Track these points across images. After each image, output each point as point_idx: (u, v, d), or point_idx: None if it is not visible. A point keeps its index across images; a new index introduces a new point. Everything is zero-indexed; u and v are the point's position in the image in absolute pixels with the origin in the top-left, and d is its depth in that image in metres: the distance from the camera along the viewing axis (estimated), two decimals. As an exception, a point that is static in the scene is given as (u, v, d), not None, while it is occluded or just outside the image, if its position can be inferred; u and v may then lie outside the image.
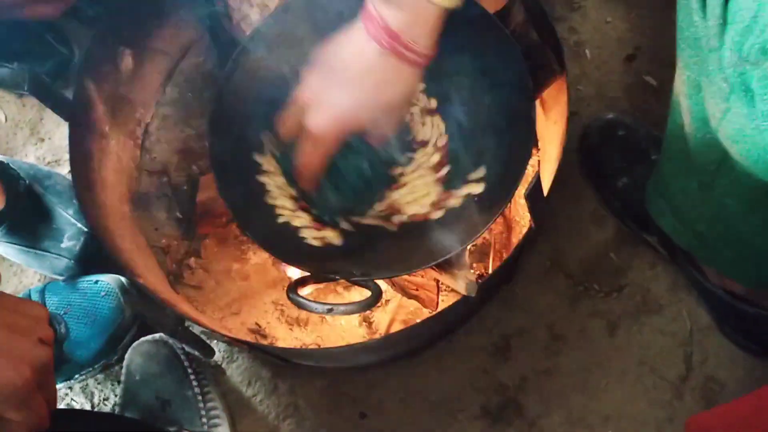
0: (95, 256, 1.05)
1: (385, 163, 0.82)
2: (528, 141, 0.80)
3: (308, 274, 0.79)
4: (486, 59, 0.83)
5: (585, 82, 1.11)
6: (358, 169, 0.80)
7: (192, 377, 0.98)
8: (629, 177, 1.00)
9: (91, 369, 1.02)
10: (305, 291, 0.80)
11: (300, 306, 0.73)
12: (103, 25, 0.94)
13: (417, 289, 0.85)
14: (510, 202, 0.78)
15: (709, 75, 0.59)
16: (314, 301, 0.71)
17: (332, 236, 0.80)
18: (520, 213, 1.00)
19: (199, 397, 0.96)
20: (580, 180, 1.06)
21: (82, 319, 0.99)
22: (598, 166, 1.04)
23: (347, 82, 0.71)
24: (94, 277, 1.02)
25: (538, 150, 0.95)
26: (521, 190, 0.98)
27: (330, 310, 0.71)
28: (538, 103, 0.94)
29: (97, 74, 0.93)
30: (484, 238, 0.99)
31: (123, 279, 1.02)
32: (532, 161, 0.98)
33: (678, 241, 0.88)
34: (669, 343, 0.99)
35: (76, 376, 1.02)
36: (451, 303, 0.83)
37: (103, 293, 1.01)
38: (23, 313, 0.64)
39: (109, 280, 1.01)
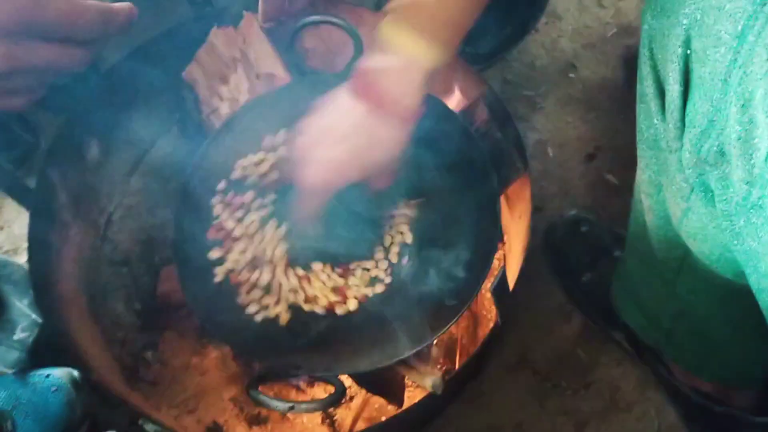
0: (48, 349, 1.01)
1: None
2: (493, 235, 0.81)
3: (269, 370, 0.77)
4: (450, 156, 0.84)
5: (548, 179, 1.14)
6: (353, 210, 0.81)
7: (144, 480, 0.92)
8: (593, 272, 1.01)
9: (36, 471, 0.95)
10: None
11: (260, 404, 0.70)
12: (70, 114, 0.95)
13: (382, 385, 0.82)
14: (476, 296, 0.77)
15: (669, 175, 0.61)
16: (275, 399, 0.69)
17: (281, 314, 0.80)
18: (486, 307, 1.00)
19: (151, 503, 0.91)
20: (546, 275, 1.07)
21: (30, 415, 0.94)
22: (563, 262, 1.05)
23: (337, 139, 0.71)
24: (45, 371, 0.97)
25: (504, 244, 0.96)
26: (487, 284, 0.99)
27: (291, 408, 0.68)
28: (502, 199, 0.96)
29: (62, 163, 0.92)
30: (451, 332, 0.98)
31: (75, 373, 0.97)
32: (498, 255, 0.99)
33: (644, 338, 0.88)
34: (638, 443, 0.98)
35: (20, 478, 0.95)
36: (417, 400, 0.81)
37: (54, 388, 0.96)
38: None
39: (60, 375, 0.97)
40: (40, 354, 1.00)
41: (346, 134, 0.71)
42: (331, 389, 0.73)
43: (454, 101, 0.87)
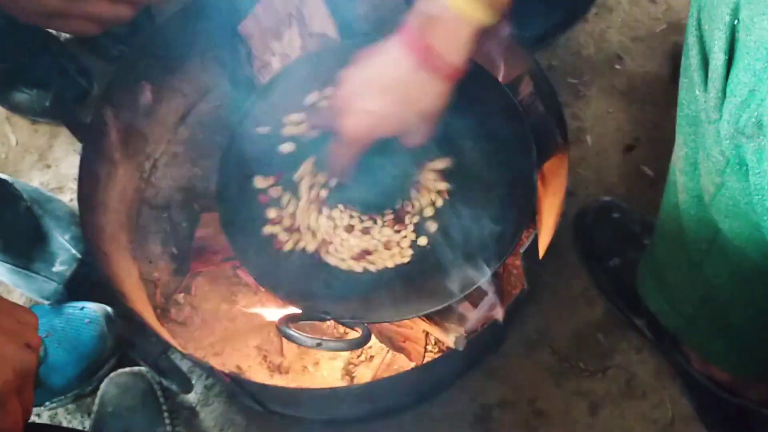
0: (84, 284, 1.05)
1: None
2: (528, 205, 0.83)
3: (299, 312, 0.79)
4: (494, 126, 0.86)
5: (584, 166, 1.15)
6: (387, 162, 0.83)
7: (166, 416, 0.96)
8: (621, 258, 1.02)
9: (63, 398, 0.99)
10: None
11: (289, 338, 0.72)
12: (124, 62, 0.98)
13: (404, 341, 0.85)
14: (506, 259, 0.79)
15: (705, 149, 0.61)
16: (304, 334, 0.71)
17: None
18: (512, 282, 1.01)
19: (170, 437, 0.94)
20: (573, 259, 1.08)
21: (62, 343, 0.98)
22: (591, 246, 1.06)
23: (382, 90, 0.74)
24: (80, 304, 1.02)
25: (537, 218, 0.97)
26: (515, 261, 1.00)
27: (319, 344, 0.70)
28: (537, 175, 0.97)
29: (116, 103, 0.95)
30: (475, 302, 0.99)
31: (109, 309, 1.01)
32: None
33: (666, 323, 0.89)
34: (650, 430, 0.98)
35: (47, 403, 0.99)
36: (437, 356, 0.82)
37: (87, 320, 1.00)
38: (13, 316, 0.64)
39: (95, 308, 1.01)
40: (77, 288, 1.04)
41: (389, 86, 0.74)
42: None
43: (501, 73, 0.89)
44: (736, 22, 0.53)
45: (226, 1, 1.01)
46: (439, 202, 0.86)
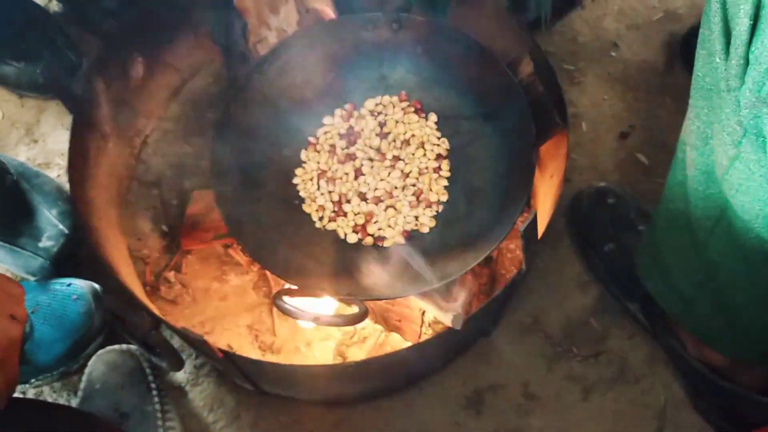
0: (72, 260, 1.03)
1: None
2: (526, 186, 0.82)
3: (295, 287, 0.78)
4: (493, 104, 0.85)
5: (579, 152, 1.14)
6: None
7: (155, 393, 0.94)
8: (616, 244, 1.02)
9: (49, 375, 0.97)
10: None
11: (285, 312, 0.71)
12: (114, 36, 0.96)
13: (400, 321, 0.84)
14: (504, 238, 0.78)
15: (721, 120, 0.61)
16: (301, 309, 0.70)
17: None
18: (505, 266, 1.00)
19: (159, 415, 0.92)
20: (567, 244, 1.08)
21: (49, 320, 0.96)
22: (586, 231, 1.05)
23: None
24: (67, 280, 1.00)
25: (533, 200, 0.97)
26: (508, 244, 1.00)
27: (316, 319, 0.69)
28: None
29: (108, 75, 0.93)
30: (468, 286, 0.99)
31: (97, 286, 0.99)
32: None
33: (663, 305, 0.89)
34: (641, 415, 0.98)
35: (33, 380, 0.97)
36: (432, 336, 0.82)
37: (74, 296, 0.98)
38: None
39: (82, 285, 0.99)
40: (64, 264, 1.02)
41: None
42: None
43: (501, 52, 0.88)
44: None
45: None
46: (439, 183, 0.86)
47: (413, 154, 0.87)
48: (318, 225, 0.84)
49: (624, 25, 1.25)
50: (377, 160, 0.87)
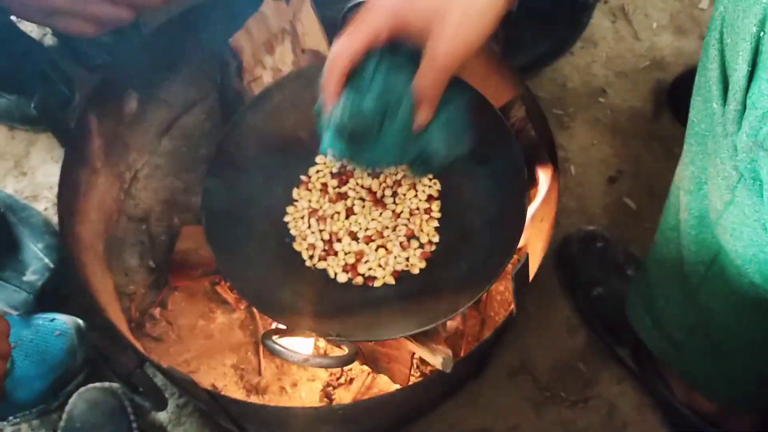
0: (56, 295, 1.01)
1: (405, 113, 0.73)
2: (517, 229, 0.82)
3: (283, 327, 0.77)
4: (485, 149, 0.86)
5: (567, 196, 1.15)
6: (381, 102, 0.71)
7: (135, 434, 0.92)
8: (604, 288, 1.02)
9: (28, 412, 0.95)
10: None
11: (275, 353, 0.70)
12: (108, 71, 0.96)
13: (389, 362, 0.83)
14: (495, 282, 0.78)
15: (716, 165, 0.62)
16: (290, 350, 0.69)
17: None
18: (495, 308, 1.00)
19: (140, 456, 0.90)
20: (556, 287, 1.08)
21: (30, 356, 0.94)
22: (574, 275, 1.06)
23: None
24: (50, 315, 0.98)
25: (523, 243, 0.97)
26: (498, 286, 1.00)
27: (306, 360, 0.68)
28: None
29: (101, 110, 0.93)
30: (458, 327, 0.98)
31: (80, 322, 0.98)
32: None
33: (654, 350, 0.89)
34: (630, 463, 0.98)
35: (11, 417, 0.95)
36: (421, 379, 0.81)
37: (57, 332, 0.96)
38: None
39: (65, 320, 0.97)
40: (48, 299, 1.00)
41: None
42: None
43: (493, 96, 0.89)
44: (762, 33, 0.53)
45: (217, 14, 1.01)
46: (430, 224, 0.86)
47: (405, 195, 0.87)
48: (308, 264, 0.84)
49: (612, 72, 1.27)
50: (368, 199, 0.87)
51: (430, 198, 0.87)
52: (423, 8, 0.67)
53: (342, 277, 0.82)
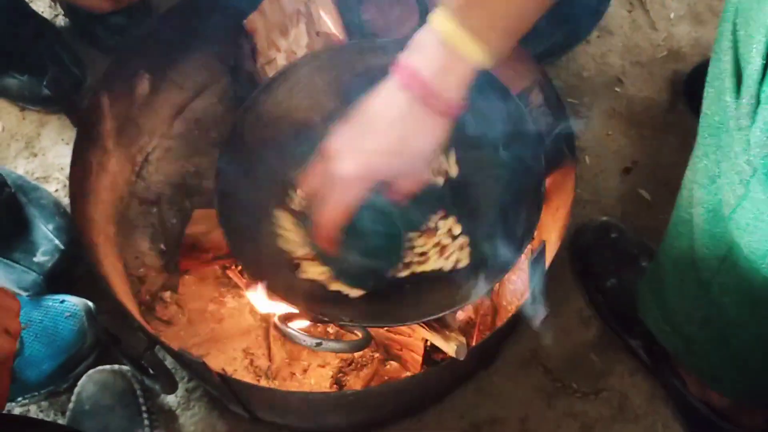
0: (66, 276, 1.01)
1: (405, 225, 0.81)
2: (533, 218, 0.81)
3: (297, 312, 0.76)
4: (502, 135, 0.85)
5: (582, 186, 1.14)
6: (378, 231, 0.78)
7: (145, 416, 0.92)
8: (618, 279, 1.01)
9: (37, 394, 0.95)
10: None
11: (288, 336, 0.69)
12: (120, 53, 0.95)
13: (401, 349, 0.82)
14: (511, 269, 0.77)
15: (730, 159, 0.61)
16: (304, 333, 0.68)
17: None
18: (507, 298, 0.99)
19: (149, 439, 0.90)
20: (569, 278, 1.07)
21: (40, 337, 0.94)
22: (588, 266, 1.05)
23: (378, 129, 0.70)
24: (60, 297, 0.98)
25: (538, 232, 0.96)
26: (510, 275, 0.99)
27: (319, 344, 0.68)
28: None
29: (113, 91, 0.93)
30: (470, 317, 0.98)
31: (90, 304, 0.97)
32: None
33: (665, 343, 0.88)
34: (641, 455, 0.97)
35: (19, 398, 0.95)
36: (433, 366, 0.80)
37: (67, 314, 0.96)
38: None
39: (75, 302, 0.97)
40: (57, 281, 1.00)
41: (387, 124, 0.70)
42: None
43: (512, 81, 0.88)
44: None
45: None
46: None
47: None
48: None
49: (628, 62, 1.25)
50: None
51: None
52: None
53: None
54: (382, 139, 0.70)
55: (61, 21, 1.24)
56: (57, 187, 1.11)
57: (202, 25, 1.02)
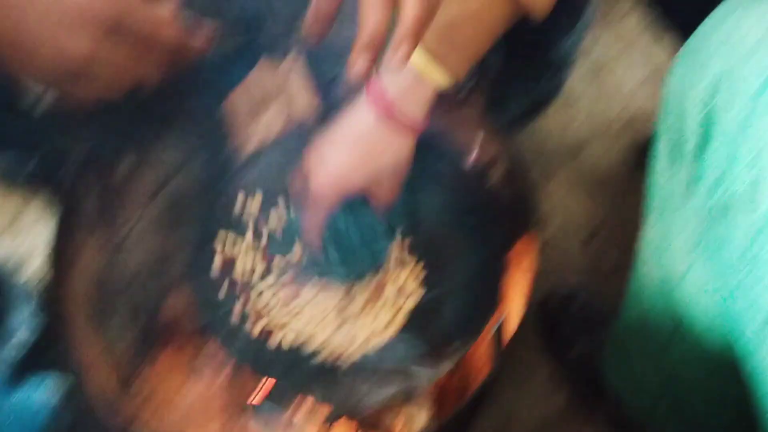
0: (41, 360, 1.01)
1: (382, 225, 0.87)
2: (495, 289, 0.84)
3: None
4: (463, 206, 0.88)
5: (546, 254, 1.18)
6: (358, 228, 0.86)
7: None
8: (585, 346, 1.04)
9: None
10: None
11: (262, 418, 0.70)
12: (104, 129, 0.98)
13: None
14: (474, 342, 0.80)
15: (675, 231, 0.64)
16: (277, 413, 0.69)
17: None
18: (476, 368, 1.01)
19: None
20: (536, 345, 1.09)
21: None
22: (555, 333, 1.07)
23: (347, 145, 0.78)
24: (32, 386, 0.98)
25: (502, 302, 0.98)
26: (478, 346, 1.00)
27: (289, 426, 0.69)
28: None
29: (97, 168, 0.95)
30: (440, 386, 0.99)
31: (61, 394, 0.97)
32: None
33: (629, 409, 0.90)
34: None
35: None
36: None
37: (36, 406, 0.96)
38: None
39: (46, 393, 0.97)
40: (32, 364, 1.00)
41: (354, 141, 0.78)
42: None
43: (473, 152, 0.92)
44: (714, 100, 0.55)
45: (208, 76, 1.03)
46: (408, 284, 0.88)
47: None
48: None
49: (591, 130, 1.31)
50: None
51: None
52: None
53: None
54: (351, 154, 0.78)
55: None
56: (33, 269, 1.13)
57: (186, 104, 1.05)
